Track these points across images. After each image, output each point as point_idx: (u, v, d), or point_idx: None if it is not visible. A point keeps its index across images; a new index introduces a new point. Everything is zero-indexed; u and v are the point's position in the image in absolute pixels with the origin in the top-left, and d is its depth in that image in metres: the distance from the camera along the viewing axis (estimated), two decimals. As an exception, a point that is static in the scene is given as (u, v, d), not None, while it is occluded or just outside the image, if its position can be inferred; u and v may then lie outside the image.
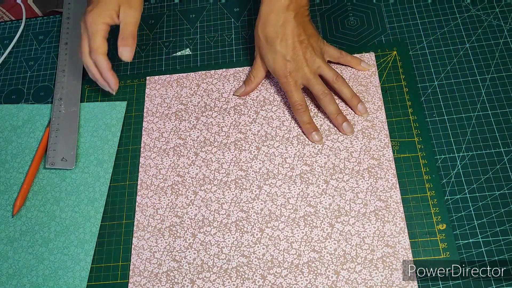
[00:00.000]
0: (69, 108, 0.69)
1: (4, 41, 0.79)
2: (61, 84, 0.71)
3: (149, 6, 0.78)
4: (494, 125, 0.61)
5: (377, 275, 0.54)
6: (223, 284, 0.56)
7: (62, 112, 0.69)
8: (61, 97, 0.70)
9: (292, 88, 0.62)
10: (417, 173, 0.59)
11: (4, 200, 0.65)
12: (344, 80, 0.62)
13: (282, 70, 0.61)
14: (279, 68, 0.62)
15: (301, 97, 0.62)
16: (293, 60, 0.61)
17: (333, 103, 0.62)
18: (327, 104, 0.61)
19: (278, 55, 0.61)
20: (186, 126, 0.66)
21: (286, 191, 0.60)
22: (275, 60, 0.62)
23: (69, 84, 0.71)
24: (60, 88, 0.71)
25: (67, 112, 0.69)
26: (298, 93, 0.62)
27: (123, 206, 0.63)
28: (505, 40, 0.66)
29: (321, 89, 0.61)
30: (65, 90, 0.70)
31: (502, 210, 0.56)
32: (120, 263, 0.59)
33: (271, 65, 0.63)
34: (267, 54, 0.63)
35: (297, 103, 0.62)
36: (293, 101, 0.62)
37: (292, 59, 0.61)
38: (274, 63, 0.62)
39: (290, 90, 0.62)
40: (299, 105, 0.62)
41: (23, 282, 0.59)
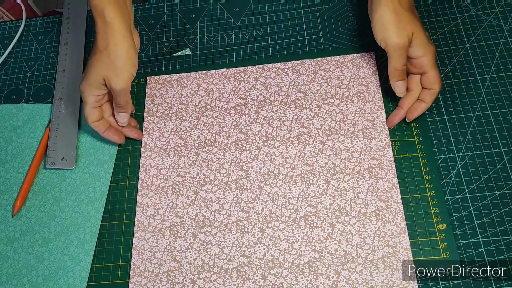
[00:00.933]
0: (69, 108, 0.69)
1: (4, 41, 0.79)
2: (61, 84, 0.71)
3: (149, 6, 0.78)
4: (494, 125, 0.61)
5: (378, 275, 0.54)
6: (224, 284, 0.56)
7: (62, 112, 0.68)
8: (61, 97, 0.70)
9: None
10: (417, 173, 0.59)
11: (4, 200, 0.65)
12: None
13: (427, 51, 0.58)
14: (433, 50, 0.59)
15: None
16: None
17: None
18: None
19: (424, 31, 0.59)
20: (187, 126, 0.66)
21: (287, 191, 0.60)
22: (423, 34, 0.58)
23: (69, 84, 0.71)
24: (60, 88, 0.71)
25: (67, 112, 0.68)
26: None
27: (123, 206, 0.63)
28: (505, 40, 0.66)
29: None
30: (65, 90, 0.70)
31: (502, 210, 0.56)
32: (120, 263, 0.59)
33: (422, 42, 0.58)
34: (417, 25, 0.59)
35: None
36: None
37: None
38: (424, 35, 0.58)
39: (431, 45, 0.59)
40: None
41: (23, 282, 0.59)
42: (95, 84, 0.59)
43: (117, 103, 0.61)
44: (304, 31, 0.71)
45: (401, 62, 0.58)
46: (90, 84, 0.60)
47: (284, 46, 0.71)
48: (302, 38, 0.71)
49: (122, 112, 0.63)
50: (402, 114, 0.62)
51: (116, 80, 0.58)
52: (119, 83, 0.58)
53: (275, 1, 0.75)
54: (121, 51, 0.58)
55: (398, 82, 0.60)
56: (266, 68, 0.69)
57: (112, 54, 0.57)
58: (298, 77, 0.67)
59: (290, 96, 0.66)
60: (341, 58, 0.67)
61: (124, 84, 0.59)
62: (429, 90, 0.59)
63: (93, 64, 0.59)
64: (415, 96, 0.61)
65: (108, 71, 0.58)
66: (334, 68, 0.67)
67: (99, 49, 0.58)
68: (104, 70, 0.58)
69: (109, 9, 0.56)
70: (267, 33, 0.72)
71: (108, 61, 0.58)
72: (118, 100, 0.61)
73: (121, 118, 0.63)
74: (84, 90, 0.60)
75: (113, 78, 0.58)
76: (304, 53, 0.69)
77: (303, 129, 0.63)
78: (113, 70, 0.58)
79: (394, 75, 0.59)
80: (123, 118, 0.63)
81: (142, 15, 0.77)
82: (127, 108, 0.63)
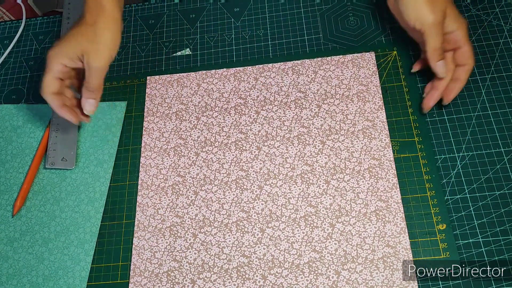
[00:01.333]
0: None
1: (4, 41, 0.79)
2: None
3: (149, 6, 0.78)
4: (494, 125, 0.61)
5: (378, 275, 0.54)
6: (224, 284, 0.56)
7: None
8: None
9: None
10: (417, 173, 0.59)
11: (4, 200, 0.65)
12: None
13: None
14: (466, 23, 0.58)
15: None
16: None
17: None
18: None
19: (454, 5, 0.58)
20: (187, 126, 0.66)
21: (287, 191, 0.60)
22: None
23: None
24: None
25: None
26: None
27: (123, 206, 0.63)
28: (505, 40, 0.66)
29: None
30: None
31: (502, 210, 0.56)
32: (120, 263, 0.59)
33: (455, 16, 0.58)
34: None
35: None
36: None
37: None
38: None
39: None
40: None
41: (23, 282, 0.59)
42: (69, 54, 0.57)
43: (89, 84, 0.58)
44: (304, 31, 0.71)
45: (439, 40, 0.56)
46: (64, 52, 0.57)
47: (284, 46, 0.71)
48: (302, 38, 0.71)
49: (91, 98, 0.59)
50: (437, 96, 0.60)
51: (96, 56, 0.57)
52: (99, 60, 0.57)
53: (275, 1, 0.75)
54: (109, 31, 0.57)
55: (439, 62, 0.58)
56: (266, 68, 0.69)
57: (99, 30, 0.56)
58: (298, 77, 0.67)
59: (290, 96, 0.66)
60: (341, 58, 0.67)
61: (103, 63, 0.57)
62: (463, 67, 0.58)
63: (74, 35, 0.57)
64: (450, 75, 0.60)
65: (89, 46, 0.56)
66: (334, 68, 0.67)
67: (86, 23, 0.57)
68: (86, 43, 0.56)
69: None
70: (267, 33, 0.72)
71: (93, 36, 0.56)
72: (91, 81, 0.58)
73: (89, 105, 0.60)
74: (54, 56, 0.58)
75: (93, 54, 0.56)
76: (304, 53, 0.69)
77: (303, 129, 0.63)
78: (95, 46, 0.56)
79: (434, 55, 0.57)
80: (91, 106, 0.60)
81: (142, 15, 0.77)
82: (97, 95, 0.60)
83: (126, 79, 0.71)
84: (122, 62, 0.73)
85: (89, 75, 0.58)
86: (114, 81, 0.71)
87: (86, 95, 0.59)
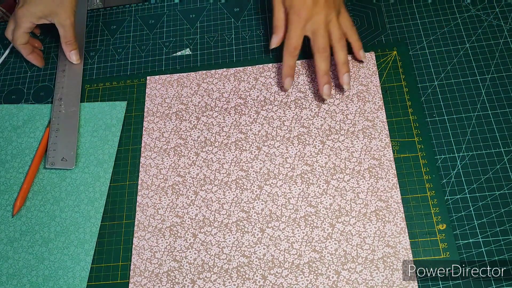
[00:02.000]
0: (69, 108, 0.69)
1: (4, 41, 0.78)
2: (61, 84, 0.71)
3: (149, 6, 0.78)
4: (494, 125, 0.61)
5: (378, 275, 0.54)
6: (224, 284, 0.56)
7: (62, 112, 0.68)
8: (61, 97, 0.70)
9: (298, 27, 0.61)
10: (417, 173, 0.59)
11: (4, 200, 0.65)
12: (345, 44, 0.63)
13: (301, 4, 0.61)
14: (298, 2, 0.61)
15: (299, 42, 0.63)
16: (314, 1, 0.61)
17: (327, 62, 0.62)
18: (322, 60, 0.62)
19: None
20: (187, 126, 0.66)
21: (287, 191, 0.60)
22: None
23: (69, 84, 0.71)
24: (60, 88, 0.71)
25: (67, 112, 0.68)
26: (299, 37, 0.62)
27: (123, 206, 0.63)
28: (505, 40, 0.66)
29: (325, 43, 0.61)
30: (65, 90, 0.70)
31: (502, 210, 0.56)
32: (120, 263, 0.59)
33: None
34: None
35: (292, 46, 0.63)
36: (291, 42, 0.62)
37: (314, 1, 0.61)
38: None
39: (295, 28, 0.62)
40: (294, 48, 0.63)
41: (23, 282, 0.59)
42: (38, 14, 0.67)
43: (66, 39, 0.69)
44: (304, 31, 0.71)
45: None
46: (32, 12, 0.67)
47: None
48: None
49: (73, 49, 0.70)
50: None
51: (66, 15, 0.68)
52: (68, 18, 0.68)
53: (275, 1, 0.75)
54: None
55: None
56: (266, 68, 0.69)
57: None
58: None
59: (290, 96, 0.66)
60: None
61: (72, 19, 0.68)
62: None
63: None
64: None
65: (57, 8, 0.67)
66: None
67: None
68: (53, 6, 0.67)
69: None
70: (267, 33, 0.72)
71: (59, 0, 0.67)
72: (67, 36, 0.69)
73: (74, 55, 0.71)
74: (23, 15, 0.68)
75: (61, 13, 0.68)
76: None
77: (303, 129, 0.63)
78: (62, 7, 0.67)
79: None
80: (76, 55, 0.71)
81: (142, 15, 0.77)
82: (76, 45, 0.70)
83: (126, 79, 0.71)
84: (122, 62, 0.73)
85: (63, 31, 0.69)
86: (114, 81, 0.71)
87: (67, 48, 0.70)
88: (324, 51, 0.61)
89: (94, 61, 0.74)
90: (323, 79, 0.62)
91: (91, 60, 0.74)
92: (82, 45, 0.74)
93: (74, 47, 0.70)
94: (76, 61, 0.71)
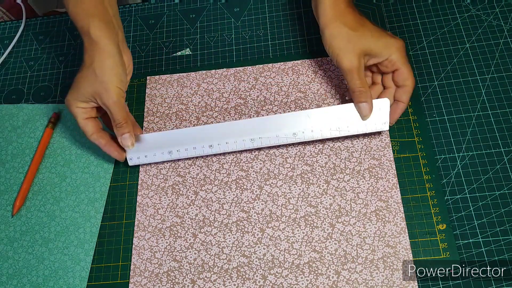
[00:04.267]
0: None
1: (4, 41, 0.79)
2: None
3: (149, 6, 0.78)
4: (494, 125, 0.61)
5: (378, 275, 0.54)
6: (224, 284, 0.56)
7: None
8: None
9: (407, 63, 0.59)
10: (417, 173, 0.59)
11: (4, 200, 0.65)
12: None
13: (398, 46, 0.58)
14: (399, 45, 0.58)
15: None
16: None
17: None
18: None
19: (381, 34, 0.58)
20: (187, 126, 0.66)
21: (287, 191, 0.60)
22: (387, 40, 0.58)
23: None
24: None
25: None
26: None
27: (123, 206, 0.63)
28: (505, 40, 0.66)
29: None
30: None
31: (502, 210, 0.56)
32: (120, 263, 0.59)
33: (381, 47, 0.58)
34: (366, 40, 0.58)
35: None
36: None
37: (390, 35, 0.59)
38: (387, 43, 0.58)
39: (408, 65, 0.59)
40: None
41: (23, 282, 0.59)
42: (81, 98, 0.58)
43: (115, 121, 0.58)
44: (304, 31, 0.71)
45: (356, 84, 0.57)
46: (75, 98, 0.58)
47: (284, 46, 0.71)
48: (302, 38, 0.71)
49: (124, 133, 0.59)
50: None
51: (106, 94, 0.56)
52: (111, 97, 0.57)
53: (275, 1, 0.75)
54: (107, 67, 0.56)
55: (361, 104, 0.58)
56: (266, 68, 0.69)
57: (97, 69, 0.56)
58: (298, 77, 0.67)
59: (290, 96, 0.66)
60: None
61: (116, 98, 0.57)
62: (403, 88, 0.59)
63: (80, 81, 0.57)
64: (393, 93, 0.60)
65: (96, 87, 0.57)
66: (334, 68, 0.67)
67: (85, 65, 0.57)
68: (91, 86, 0.57)
69: (94, 28, 0.56)
70: (267, 33, 0.72)
71: (94, 77, 0.56)
72: (115, 117, 0.58)
73: (125, 140, 0.59)
74: (69, 103, 0.58)
75: (103, 93, 0.56)
76: (304, 53, 0.69)
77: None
78: (100, 85, 0.56)
79: (355, 96, 0.58)
80: (127, 141, 0.59)
81: (142, 15, 0.77)
82: (128, 127, 0.59)
83: (126, 79, 0.71)
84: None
85: (110, 113, 0.58)
86: (114, 81, 0.71)
87: (118, 131, 0.59)
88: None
89: (94, 61, 0.74)
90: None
91: (91, 60, 0.74)
92: (134, 122, 0.64)
93: (126, 130, 0.59)
94: (128, 147, 0.60)
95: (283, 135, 0.59)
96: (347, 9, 0.59)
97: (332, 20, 0.58)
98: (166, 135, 0.62)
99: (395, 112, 0.60)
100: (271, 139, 0.60)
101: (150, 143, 0.62)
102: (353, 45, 0.57)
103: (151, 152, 0.62)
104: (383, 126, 0.59)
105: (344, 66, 0.58)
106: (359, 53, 0.57)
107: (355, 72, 0.57)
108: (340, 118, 0.59)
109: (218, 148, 0.61)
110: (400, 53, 0.57)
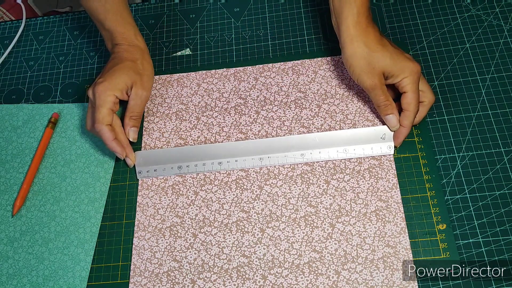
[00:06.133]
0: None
1: (4, 41, 0.79)
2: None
3: (149, 6, 0.78)
4: (494, 125, 0.61)
5: (378, 275, 0.54)
6: (224, 284, 0.56)
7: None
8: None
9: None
10: (417, 173, 0.59)
11: (4, 200, 0.65)
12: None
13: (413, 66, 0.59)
14: (415, 70, 0.58)
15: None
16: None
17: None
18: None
19: (399, 56, 0.59)
20: (187, 126, 0.66)
21: (287, 191, 0.60)
22: (402, 59, 0.58)
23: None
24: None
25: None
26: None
27: (123, 206, 0.63)
28: (505, 40, 0.66)
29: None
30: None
31: (502, 210, 0.56)
32: (120, 263, 0.59)
33: (397, 70, 0.58)
34: (386, 57, 0.58)
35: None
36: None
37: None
38: (404, 61, 0.58)
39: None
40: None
41: (23, 282, 0.59)
42: (120, 86, 0.61)
43: (133, 113, 0.63)
44: (304, 31, 0.71)
45: (379, 99, 0.59)
46: (114, 85, 0.61)
47: (284, 46, 0.71)
48: (302, 38, 0.71)
49: (135, 126, 0.63)
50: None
51: (143, 86, 0.63)
52: (146, 89, 0.63)
53: (275, 1, 0.75)
54: (150, 65, 0.65)
55: (388, 116, 0.60)
56: (266, 68, 0.69)
57: (144, 65, 0.64)
58: (298, 77, 0.67)
59: (290, 96, 0.66)
60: (341, 58, 0.67)
61: (148, 92, 0.64)
62: (405, 112, 0.59)
63: (120, 69, 0.62)
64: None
65: (137, 77, 0.63)
66: (334, 68, 0.67)
67: (127, 59, 0.63)
68: (135, 75, 0.62)
69: (137, 35, 0.66)
70: (267, 33, 0.72)
71: (139, 69, 0.63)
72: (135, 109, 0.63)
73: (133, 132, 0.63)
74: (105, 90, 0.60)
75: (140, 84, 0.63)
76: (304, 53, 0.69)
77: (303, 129, 0.63)
78: (142, 77, 0.63)
79: (380, 110, 0.60)
80: (135, 133, 0.64)
81: (142, 15, 0.77)
82: (139, 122, 0.64)
83: (126, 79, 0.71)
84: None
85: (134, 103, 0.63)
86: (114, 81, 0.71)
87: (130, 123, 0.63)
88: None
89: (94, 61, 0.74)
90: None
91: (91, 60, 0.74)
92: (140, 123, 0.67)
93: (136, 124, 0.64)
94: (133, 139, 0.64)
95: (291, 155, 0.61)
96: (368, 28, 0.59)
97: (354, 39, 0.59)
98: (176, 151, 0.63)
99: (397, 136, 0.60)
100: (280, 159, 0.61)
101: (159, 158, 0.63)
102: (372, 67, 0.58)
103: (161, 166, 0.63)
104: (388, 150, 0.60)
105: (367, 86, 0.59)
106: (378, 72, 0.58)
107: (378, 89, 0.59)
108: (347, 142, 0.60)
109: (227, 165, 0.62)
110: (412, 77, 0.58)
